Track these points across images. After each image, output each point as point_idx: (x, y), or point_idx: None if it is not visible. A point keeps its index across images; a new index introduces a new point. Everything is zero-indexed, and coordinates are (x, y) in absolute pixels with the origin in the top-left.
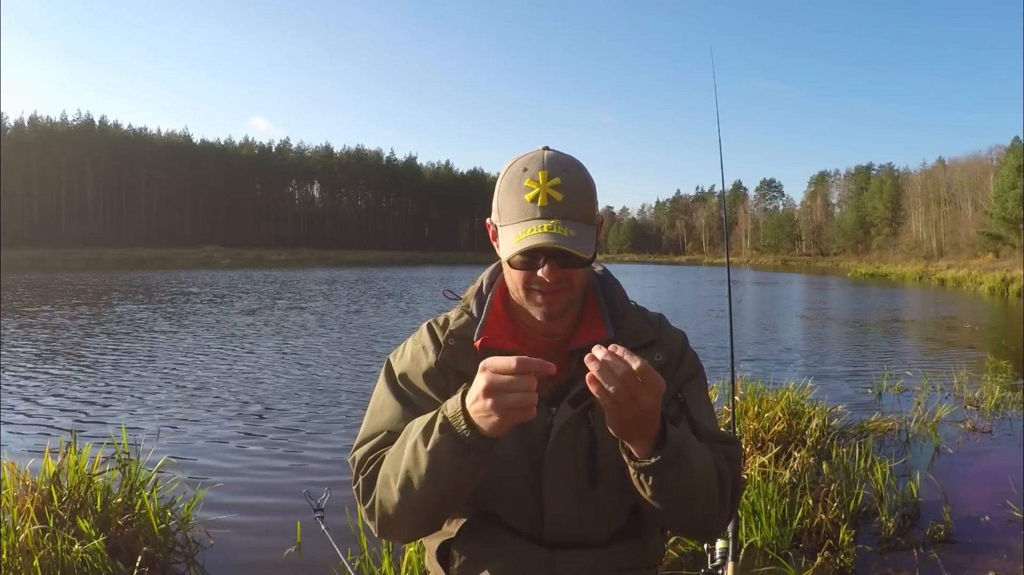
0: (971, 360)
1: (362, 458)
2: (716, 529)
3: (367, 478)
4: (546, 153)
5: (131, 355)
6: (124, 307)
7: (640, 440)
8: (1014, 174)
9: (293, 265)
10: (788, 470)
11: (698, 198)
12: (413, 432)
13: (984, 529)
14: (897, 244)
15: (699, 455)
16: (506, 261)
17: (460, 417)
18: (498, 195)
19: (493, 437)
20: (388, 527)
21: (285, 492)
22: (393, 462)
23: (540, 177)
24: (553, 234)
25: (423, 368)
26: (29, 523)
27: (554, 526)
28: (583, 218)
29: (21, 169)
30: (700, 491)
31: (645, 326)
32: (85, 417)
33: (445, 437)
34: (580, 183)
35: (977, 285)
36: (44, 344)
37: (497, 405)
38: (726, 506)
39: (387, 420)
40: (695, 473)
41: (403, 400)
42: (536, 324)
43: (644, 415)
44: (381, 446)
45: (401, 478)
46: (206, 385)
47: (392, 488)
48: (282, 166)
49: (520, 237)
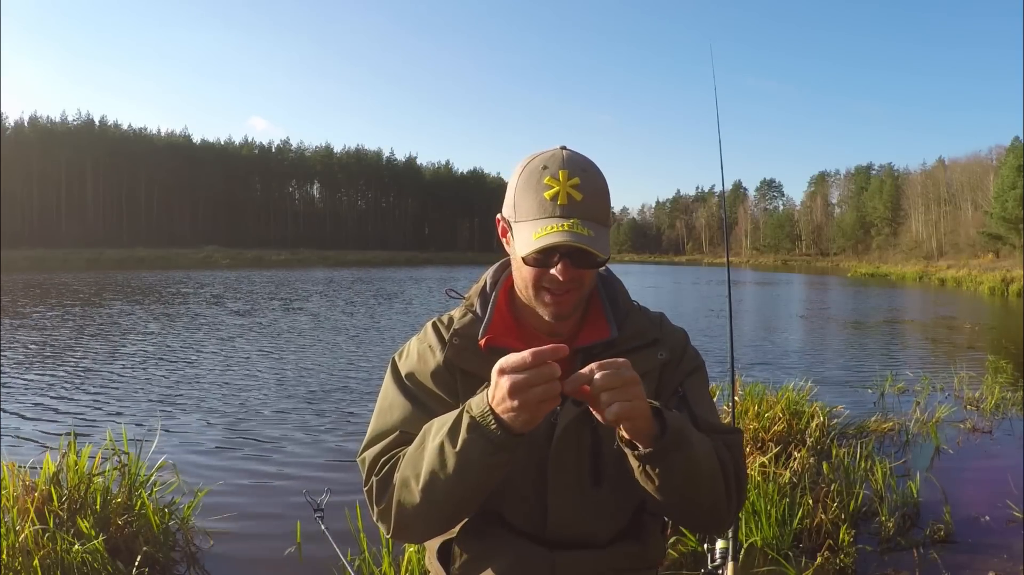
0: (971, 360)
1: (374, 459)
2: (726, 519)
3: (381, 480)
4: (564, 152)
5: (131, 355)
6: (124, 308)
7: (643, 430)
8: (1014, 174)
9: (293, 265)
10: (788, 470)
11: (698, 198)
12: (435, 433)
13: (984, 529)
14: (897, 244)
15: (699, 439)
16: (520, 257)
17: (489, 416)
18: (515, 191)
19: (524, 433)
20: (404, 529)
21: (285, 492)
22: (413, 464)
23: (560, 175)
24: (573, 232)
25: (430, 367)
26: (29, 523)
27: (557, 525)
28: (600, 219)
29: (21, 169)
30: (705, 476)
31: (647, 325)
32: (85, 417)
33: (475, 437)
34: (598, 184)
35: (977, 285)
36: (44, 344)
37: (525, 403)
38: (732, 493)
39: (397, 420)
40: (698, 457)
41: (412, 399)
42: (541, 323)
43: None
44: (394, 446)
45: (424, 479)
46: (206, 385)
47: (413, 490)
48: (282, 166)
49: (540, 234)
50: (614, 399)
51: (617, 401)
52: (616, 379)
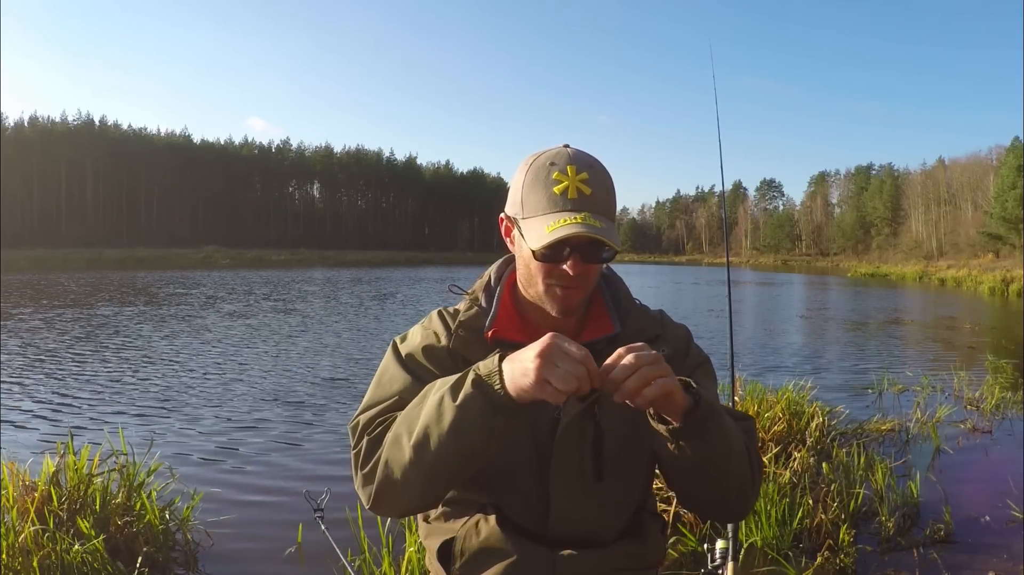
0: (971, 360)
1: (368, 420)
2: (751, 502)
3: (373, 438)
4: (569, 150)
5: (131, 355)
6: (124, 308)
7: (680, 403)
8: (1014, 174)
9: (293, 265)
10: (788, 470)
11: (698, 198)
12: (437, 388)
13: (984, 529)
14: (897, 244)
15: (726, 415)
16: (531, 252)
17: (496, 375)
18: (521, 189)
19: (522, 403)
20: (385, 494)
21: (285, 492)
22: (408, 420)
23: (569, 171)
24: (587, 224)
25: (433, 350)
26: (29, 523)
27: (559, 522)
28: (608, 214)
29: (21, 169)
30: (736, 451)
31: (649, 321)
32: (85, 417)
33: (477, 393)
34: (605, 180)
35: (977, 285)
36: (43, 345)
37: (543, 367)
38: (755, 476)
39: (397, 389)
40: (729, 429)
41: (412, 374)
42: (544, 319)
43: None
44: (391, 410)
45: (418, 434)
46: (206, 385)
47: (404, 447)
48: (282, 166)
49: (553, 226)
50: (651, 376)
51: (654, 378)
52: (648, 358)
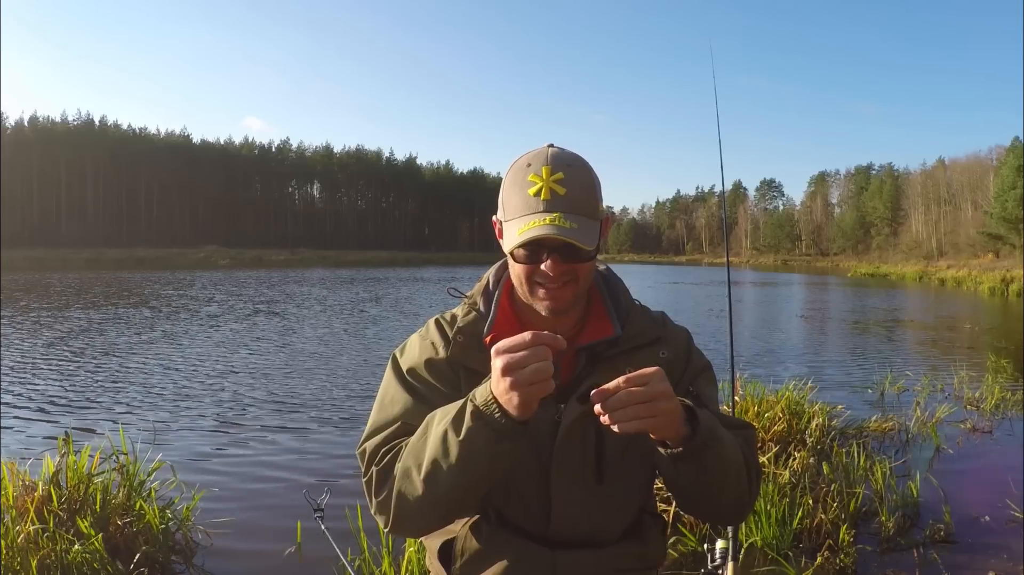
0: (971, 360)
1: (374, 449)
2: (746, 511)
3: (382, 470)
4: (550, 150)
5: (131, 355)
6: (124, 308)
7: (675, 430)
8: (1014, 174)
9: (293, 265)
10: (788, 470)
11: (698, 198)
12: (438, 422)
13: (984, 529)
14: (897, 244)
15: (727, 437)
16: (509, 254)
17: (492, 404)
18: (503, 191)
19: (524, 421)
20: (403, 521)
21: (285, 492)
22: (415, 453)
23: (543, 172)
24: (555, 225)
25: (433, 362)
26: (29, 523)
27: (560, 523)
28: (586, 212)
29: (21, 169)
30: (732, 473)
31: (650, 323)
32: (84, 417)
33: (479, 425)
34: (583, 178)
35: (977, 285)
36: (43, 345)
37: (516, 382)
38: (752, 487)
39: (399, 412)
40: (727, 454)
41: (413, 392)
42: (542, 321)
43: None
44: (396, 437)
45: (427, 469)
46: (205, 385)
47: (415, 480)
48: (282, 166)
49: (523, 229)
50: (637, 415)
51: (641, 417)
52: (641, 395)
